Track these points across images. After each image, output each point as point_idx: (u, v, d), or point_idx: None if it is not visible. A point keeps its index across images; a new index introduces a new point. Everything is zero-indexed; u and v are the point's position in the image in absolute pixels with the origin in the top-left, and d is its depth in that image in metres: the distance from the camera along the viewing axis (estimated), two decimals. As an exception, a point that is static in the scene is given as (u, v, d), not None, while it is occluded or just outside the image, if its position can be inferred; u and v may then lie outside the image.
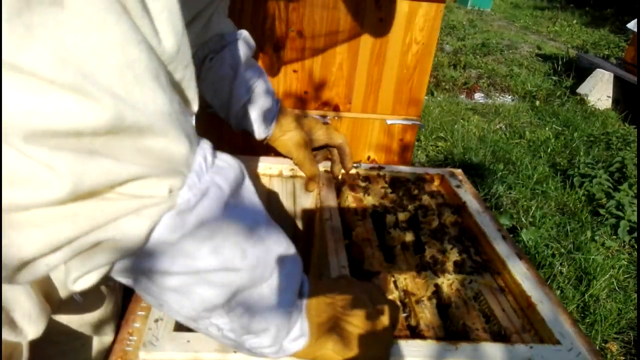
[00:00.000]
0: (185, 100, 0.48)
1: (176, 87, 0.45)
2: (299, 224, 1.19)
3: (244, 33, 1.02)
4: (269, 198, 1.14)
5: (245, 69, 0.99)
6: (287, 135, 1.03)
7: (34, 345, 0.75)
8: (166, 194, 0.41)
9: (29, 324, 0.70)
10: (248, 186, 0.51)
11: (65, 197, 0.35)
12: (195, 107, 0.50)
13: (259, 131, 1.02)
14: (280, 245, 0.53)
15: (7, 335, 0.68)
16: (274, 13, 1.28)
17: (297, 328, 0.56)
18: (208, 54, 0.96)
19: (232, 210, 0.47)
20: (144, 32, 0.38)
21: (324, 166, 1.14)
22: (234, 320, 0.51)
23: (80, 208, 0.37)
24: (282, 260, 0.52)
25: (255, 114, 1.00)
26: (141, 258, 0.44)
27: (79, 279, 0.43)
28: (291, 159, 1.06)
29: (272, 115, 1.01)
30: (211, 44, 0.96)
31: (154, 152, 0.39)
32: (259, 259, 0.49)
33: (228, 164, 0.49)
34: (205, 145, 0.47)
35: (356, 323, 0.60)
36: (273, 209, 1.16)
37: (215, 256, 0.46)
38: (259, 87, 1.00)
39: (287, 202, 1.13)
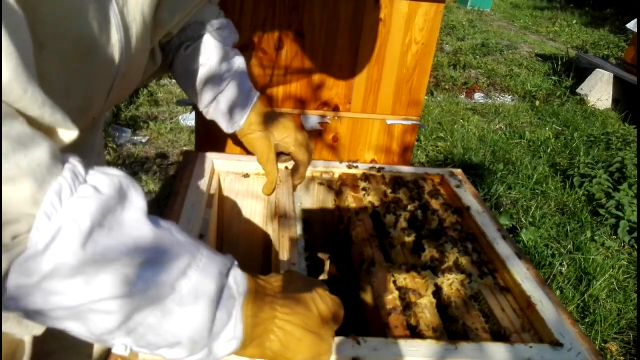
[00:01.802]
0: (48, 130, 0.45)
1: (33, 123, 0.43)
2: (299, 224, 1.19)
3: (226, 22, 0.98)
4: (268, 198, 1.14)
5: (222, 60, 0.96)
6: (255, 134, 1.01)
7: (37, 341, 0.75)
8: (8, 242, 0.39)
9: None
10: (131, 205, 0.48)
11: None
12: (66, 134, 0.46)
13: (227, 125, 1.00)
14: (180, 259, 0.50)
15: (13, 330, 0.69)
16: (274, 13, 1.28)
17: (230, 330, 0.54)
18: (185, 42, 0.93)
19: (103, 240, 0.44)
20: None
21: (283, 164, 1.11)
22: (138, 339, 0.49)
23: None
24: (184, 274, 0.49)
25: (225, 107, 0.98)
26: (12, 302, 0.42)
27: None
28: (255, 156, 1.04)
29: (242, 111, 0.99)
30: (189, 31, 0.92)
31: None
32: (149, 281, 0.46)
33: (95, 190, 0.45)
34: (67, 174, 0.43)
35: (296, 322, 0.59)
36: (271, 209, 1.16)
37: (91, 289, 0.43)
38: (234, 81, 0.97)
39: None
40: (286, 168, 1.11)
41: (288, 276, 0.66)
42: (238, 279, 0.57)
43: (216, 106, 0.99)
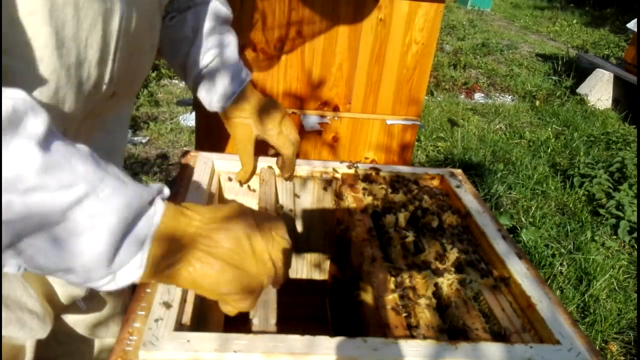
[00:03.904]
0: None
1: None
2: (299, 224, 1.19)
3: None
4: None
5: (209, 34, 0.92)
6: (238, 119, 0.98)
7: (41, 345, 0.75)
8: None
9: (37, 322, 0.70)
10: (24, 131, 0.45)
11: None
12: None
13: (209, 103, 0.97)
14: (73, 188, 0.48)
15: (15, 334, 0.69)
16: (273, 12, 1.28)
17: (137, 261, 0.53)
18: (170, 12, 0.90)
19: None
20: None
21: (268, 162, 1.11)
22: (27, 261, 0.49)
23: None
24: (78, 203, 0.48)
25: (210, 84, 0.94)
26: None
27: None
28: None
29: (229, 93, 0.95)
30: (176, 2, 0.90)
31: None
32: (31, 207, 0.46)
33: None
34: None
35: (217, 254, 0.58)
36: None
37: None
38: (221, 58, 0.94)
39: (287, 202, 1.13)
40: (269, 167, 1.10)
41: (229, 209, 0.63)
42: (157, 208, 0.55)
43: (202, 82, 0.95)
